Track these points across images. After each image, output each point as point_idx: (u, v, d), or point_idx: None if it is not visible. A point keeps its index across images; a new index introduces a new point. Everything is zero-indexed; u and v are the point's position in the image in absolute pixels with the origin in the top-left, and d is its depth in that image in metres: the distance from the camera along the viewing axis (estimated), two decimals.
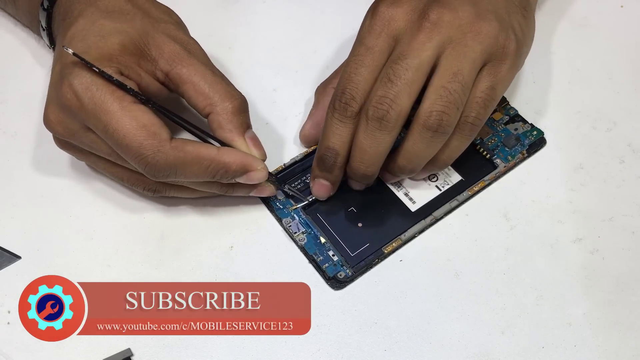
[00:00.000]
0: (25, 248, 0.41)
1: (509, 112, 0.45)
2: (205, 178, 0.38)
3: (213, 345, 0.37)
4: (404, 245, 0.40)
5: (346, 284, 0.39)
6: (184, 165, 0.37)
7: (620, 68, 0.48)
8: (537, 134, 0.44)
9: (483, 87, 0.38)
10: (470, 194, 0.42)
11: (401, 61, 0.37)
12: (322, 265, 0.39)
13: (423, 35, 0.37)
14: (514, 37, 0.39)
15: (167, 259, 0.40)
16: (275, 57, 0.48)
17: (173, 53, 0.39)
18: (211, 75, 0.39)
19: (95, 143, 0.38)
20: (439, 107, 0.37)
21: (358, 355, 0.37)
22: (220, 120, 0.39)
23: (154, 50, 0.39)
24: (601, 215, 0.42)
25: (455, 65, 0.37)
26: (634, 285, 0.39)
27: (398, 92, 0.37)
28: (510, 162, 0.43)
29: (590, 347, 0.37)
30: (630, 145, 0.44)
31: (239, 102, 0.39)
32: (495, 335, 0.38)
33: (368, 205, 0.42)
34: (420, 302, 0.39)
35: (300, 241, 0.40)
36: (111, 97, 0.36)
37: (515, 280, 0.39)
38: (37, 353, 0.37)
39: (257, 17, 0.51)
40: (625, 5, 0.51)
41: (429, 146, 0.38)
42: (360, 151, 0.38)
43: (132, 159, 0.37)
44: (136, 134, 0.36)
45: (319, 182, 0.40)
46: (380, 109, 0.37)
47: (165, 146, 0.36)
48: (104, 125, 0.36)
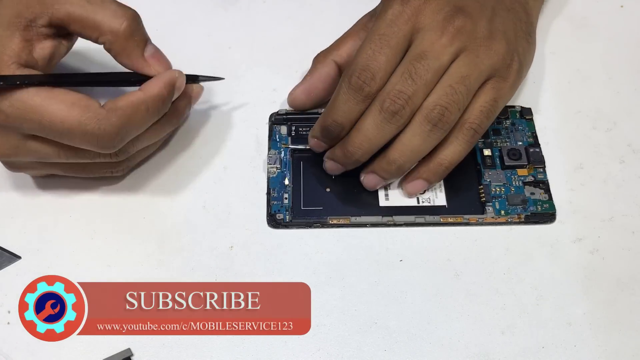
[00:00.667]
0: (25, 248, 0.41)
1: (537, 176, 0.42)
2: (152, 120, 0.38)
3: (213, 345, 0.37)
4: (350, 227, 0.41)
5: (279, 227, 0.41)
6: (128, 121, 0.36)
7: (620, 68, 0.48)
8: (548, 208, 0.41)
9: (487, 98, 0.39)
10: (441, 221, 0.41)
11: (424, 60, 0.38)
12: (271, 201, 0.41)
13: (446, 39, 0.38)
14: (517, 59, 0.41)
15: (167, 259, 0.40)
16: (275, 57, 0.48)
17: (77, 6, 0.37)
18: (87, 2, 0.37)
19: (41, 148, 0.37)
20: (443, 103, 0.38)
21: (358, 355, 0.37)
22: (115, 48, 0.38)
23: (26, 12, 0.37)
24: (601, 215, 0.42)
25: (465, 71, 0.38)
26: (634, 285, 0.39)
27: (416, 91, 0.38)
28: (500, 218, 0.41)
29: (590, 347, 0.37)
30: (630, 145, 0.44)
31: (128, 21, 0.38)
32: (495, 335, 0.38)
33: (346, 180, 0.42)
34: (420, 302, 0.39)
35: (270, 173, 0.42)
36: (27, 94, 0.35)
37: (515, 280, 0.39)
38: (37, 353, 0.37)
39: (257, 17, 0.51)
40: (625, 5, 0.51)
41: (425, 140, 0.38)
42: (363, 137, 0.39)
43: (80, 140, 0.36)
44: (71, 114, 0.35)
45: (317, 142, 0.41)
46: (397, 103, 0.37)
47: (102, 113, 0.36)
48: (38, 122, 0.35)
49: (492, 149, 0.43)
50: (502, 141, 0.44)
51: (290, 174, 0.43)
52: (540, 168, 0.43)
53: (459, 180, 0.42)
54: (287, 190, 0.42)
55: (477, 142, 0.43)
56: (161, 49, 0.40)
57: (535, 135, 0.44)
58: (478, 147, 0.43)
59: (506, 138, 0.44)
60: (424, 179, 0.41)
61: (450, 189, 0.42)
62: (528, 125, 0.44)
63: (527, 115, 0.45)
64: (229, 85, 0.46)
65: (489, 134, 0.44)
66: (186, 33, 0.50)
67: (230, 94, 0.46)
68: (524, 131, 0.44)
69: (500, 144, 0.43)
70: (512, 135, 0.44)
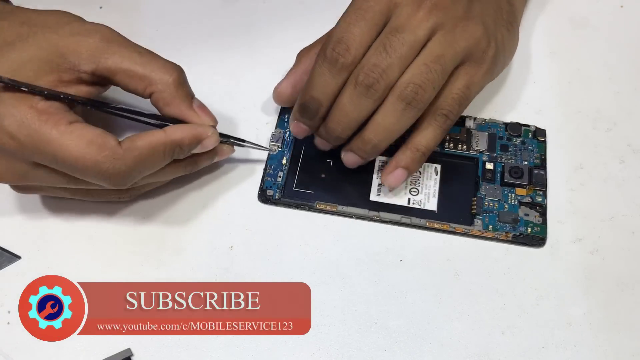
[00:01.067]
0: (25, 248, 0.41)
1: (535, 198, 0.41)
2: (165, 162, 0.38)
3: (213, 345, 0.37)
4: (334, 215, 0.42)
5: (268, 202, 0.42)
6: (143, 162, 0.37)
7: (620, 68, 0.48)
8: (539, 232, 0.40)
9: (460, 84, 0.39)
10: (427, 225, 0.41)
11: (399, 34, 0.38)
12: (266, 177, 0.43)
13: (422, 14, 0.38)
14: (494, 45, 0.40)
15: (167, 259, 0.40)
16: (275, 57, 0.48)
17: (91, 50, 0.37)
18: (139, 56, 0.38)
19: (50, 176, 0.37)
20: (417, 81, 0.38)
21: (358, 355, 0.37)
22: (165, 97, 0.38)
23: (71, 56, 0.37)
24: (601, 215, 0.42)
25: (440, 49, 0.38)
26: (634, 285, 0.39)
27: (390, 64, 0.37)
28: (487, 233, 0.40)
29: (590, 347, 0.37)
30: (630, 145, 0.44)
31: (177, 74, 0.38)
32: (495, 335, 0.38)
33: (343, 168, 0.42)
34: (420, 302, 0.39)
35: (271, 150, 0.43)
36: (46, 125, 0.35)
37: (515, 280, 0.39)
38: (37, 353, 0.37)
39: (257, 17, 0.51)
40: (625, 5, 0.51)
41: (399, 119, 0.38)
42: (341, 113, 0.39)
43: (93, 177, 0.36)
44: (87, 152, 0.35)
45: (298, 124, 0.41)
46: (371, 76, 0.37)
47: (118, 152, 0.36)
48: (52, 156, 0.35)
49: (496, 163, 0.43)
50: (507, 158, 0.43)
51: (290, 155, 0.43)
52: (540, 191, 0.42)
53: (455, 189, 0.42)
54: (282, 169, 0.43)
55: (480, 154, 0.43)
56: (161, 49, 0.40)
57: (544, 158, 0.43)
58: (482, 160, 0.43)
59: (513, 155, 0.43)
60: (403, 167, 0.41)
61: (443, 195, 0.42)
62: (539, 146, 0.44)
63: (540, 137, 0.44)
64: (229, 85, 0.46)
65: (495, 148, 0.44)
66: (186, 33, 0.50)
67: (230, 94, 0.46)
68: (532, 151, 0.43)
69: (505, 160, 0.43)
70: (520, 154, 0.43)
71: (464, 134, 0.44)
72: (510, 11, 0.43)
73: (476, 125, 0.45)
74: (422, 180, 0.43)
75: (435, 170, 0.43)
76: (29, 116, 0.35)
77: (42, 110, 0.35)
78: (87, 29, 0.38)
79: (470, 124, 0.45)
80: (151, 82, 0.38)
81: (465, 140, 0.44)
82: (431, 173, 0.43)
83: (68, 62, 0.37)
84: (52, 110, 0.36)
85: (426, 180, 0.42)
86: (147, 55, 0.38)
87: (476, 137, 0.44)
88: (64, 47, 0.37)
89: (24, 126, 0.35)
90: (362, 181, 0.43)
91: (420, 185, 0.42)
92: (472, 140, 0.44)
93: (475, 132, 0.44)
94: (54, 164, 0.36)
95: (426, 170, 0.43)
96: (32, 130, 0.35)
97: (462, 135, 0.44)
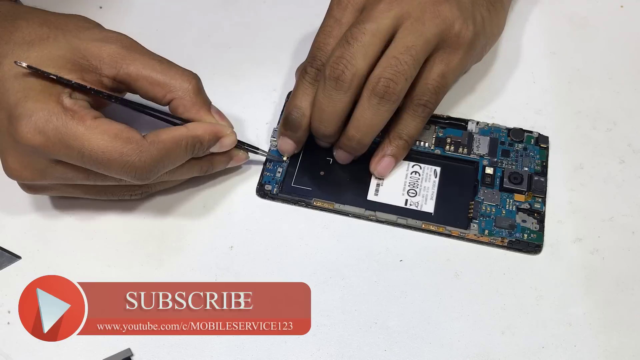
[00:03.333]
0: (25, 248, 0.41)
1: (534, 205, 0.41)
2: (185, 158, 0.38)
3: (213, 345, 0.37)
4: (331, 213, 0.42)
5: (265, 197, 0.42)
6: (167, 155, 0.37)
7: (620, 68, 0.48)
8: (535, 239, 0.40)
9: (435, 74, 0.40)
10: (423, 227, 0.41)
11: (360, 25, 0.38)
12: (265, 171, 0.43)
13: (383, 5, 0.39)
14: (472, 27, 0.40)
15: (167, 259, 0.40)
16: (275, 57, 0.48)
17: (112, 55, 0.38)
18: (159, 64, 0.39)
19: (68, 172, 0.37)
20: (388, 75, 0.38)
21: (358, 355, 0.37)
22: (185, 104, 0.39)
23: (93, 60, 0.38)
24: (601, 215, 0.42)
25: (410, 40, 0.38)
26: (634, 285, 0.39)
27: (354, 53, 0.38)
28: (483, 237, 0.40)
29: (590, 347, 0.37)
30: (630, 145, 0.44)
31: (196, 81, 0.39)
32: (495, 335, 0.38)
33: (342, 168, 0.43)
34: (420, 302, 0.39)
35: (271, 146, 0.44)
36: (73, 120, 0.35)
37: (515, 280, 0.39)
38: (37, 353, 0.37)
39: (257, 17, 0.51)
40: (625, 5, 0.51)
41: (375, 114, 0.39)
42: (318, 110, 0.40)
43: (118, 170, 0.36)
44: (114, 145, 0.35)
45: (284, 139, 0.42)
46: (336, 68, 0.38)
47: (144, 145, 0.36)
48: (78, 150, 0.35)
49: (496, 168, 0.43)
50: (508, 163, 0.43)
51: None
52: (539, 198, 0.41)
53: (453, 192, 0.42)
54: (282, 165, 0.43)
55: (480, 158, 0.43)
56: (161, 49, 0.40)
57: (545, 165, 0.43)
58: (482, 164, 0.43)
59: (513, 161, 0.43)
60: (390, 155, 0.42)
61: (441, 197, 0.42)
62: (540, 152, 0.43)
63: (543, 144, 0.44)
64: (229, 85, 0.46)
65: (496, 153, 0.43)
66: (186, 33, 0.50)
67: (230, 94, 0.46)
68: (534, 158, 0.43)
69: (505, 166, 0.43)
70: (521, 160, 0.43)
71: (466, 138, 0.44)
72: None
73: (478, 129, 0.44)
74: (421, 182, 0.43)
75: (434, 172, 0.43)
76: (57, 111, 0.35)
77: (68, 107, 0.36)
78: (108, 36, 0.39)
79: (472, 128, 0.44)
80: (171, 89, 0.39)
81: (466, 144, 0.44)
82: (430, 175, 0.43)
83: (91, 64, 0.38)
84: (77, 107, 0.36)
85: (425, 182, 0.42)
86: (166, 63, 0.39)
87: (477, 141, 0.44)
88: (86, 50, 0.38)
89: (52, 121, 0.35)
90: (361, 180, 0.43)
91: (419, 187, 0.42)
92: (474, 144, 0.44)
93: (477, 136, 0.44)
94: (79, 159, 0.36)
95: (425, 172, 0.43)
96: (59, 125, 0.35)
97: (464, 138, 0.44)
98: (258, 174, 0.43)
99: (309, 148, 0.44)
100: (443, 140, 0.44)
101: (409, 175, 0.43)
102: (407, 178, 0.43)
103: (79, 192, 0.40)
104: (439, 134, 0.44)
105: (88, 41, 0.38)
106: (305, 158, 0.44)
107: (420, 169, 0.43)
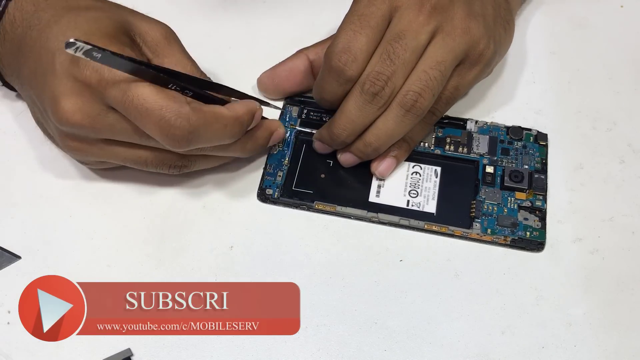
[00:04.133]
0: (25, 248, 0.41)
1: (535, 202, 0.41)
2: (223, 137, 0.38)
3: (213, 345, 0.37)
4: (333, 215, 0.42)
5: (267, 201, 0.42)
6: (205, 127, 0.37)
7: (620, 68, 0.48)
8: (538, 236, 0.40)
9: (450, 85, 0.40)
10: (425, 227, 0.41)
11: (402, 40, 0.38)
12: (265, 175, 0.43)
13: (423, 18, 0.38)
14: (493, 47, 0.41)
15: (167, 259, 0.40)
16: (275, 57, 0.48)
17: (155, 41, 0.39)
18: (190, 65, 0.40)
19: (117, 123, 0.37)
20: (417, 89, 0.38)
21: (358, 355, 0.37)
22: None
23: (138, 37, 0.39)
24: (601, 215, 0.42)
25: (440, 55, 0.38)
26: (634, 285, 0.39)
27: (395, 71, 0.38)
28: (486, 236, 0.40)
29: (590, 347, 0.37)
30: (630, 145, 0.44)
31: None
32: (495, 335, 0.38)
33: (343, 170, 0.43)
34: (420, 302, 0.39)
35: (272, 150, 0.43)
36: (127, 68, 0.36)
37: (515, 280, 0.39)
38: (37, 353, 0.37)
39: (257, 17, 0.51)
40: (625, 5, 0.51)
41: (399, 125, 0.39)
42: (346, 119, 0.39)
43: (153, 125, 0.36)
44: (156, 97, 0.36)
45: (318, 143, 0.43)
46: (376, 84, 0.38)
47: (185, 108, 0.36)
48: (124, 91, 0.35)
49: (496, 167, 0.43)
50: (508, 161, 0.43)
51: (290, 154, 0.44)
52: (540, 195, 0.42)
53: (455, 192, 0.42)
54: (282, 169, 0.43)
55: (480, 157, 0.43)
56: None
57: (545, 162, 0.43)
58: (482, 163, 0.43)
59: (513, 159, 0.43)
60: (392, 156, 0.42)
61: (443, 198, 0.42)
62: (540, 150, 0.43)
63: (542, 141, 0.44)
64: (229, 84, 0.46)
65: (496, 151, 0.43)
66: (186, 33, 0.50)
67: None
68: (533, 155, 0.43)
69: (506, 164, 0.43)
70: (521, 158, 0.43)
71: (465, 137, 0.44)
72: (507, 9, 0.43)
73: (477, 128, 0.44)
74: (422, 183, 0.43)
75: (435, 172, 0.43)
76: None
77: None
78: (154, 21, 0.40)
79: (471, 127, 0.44)
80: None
81: (466, 143, 0.44)
82: (431, 175, 0.43)
83: (135, 40, 0.39)
84: None
85: (426, 183, 0.42)
86: (195, 64, 0.40)
87: (477, 140, 0.44)
88: (134, 26, 0.39)
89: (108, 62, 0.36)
90: (362, 182, 0.43)
91: (420, 187, 0.42)
92: (473, 143, 0.44)
93: (476, 135, 0.44)
94: (122, 100, 0.36)
95: (426, 172, 0.43)
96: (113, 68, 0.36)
97: (463, 138, 0.44)
98: (258, 173, 0.43)
99: (309, 150, 0.43)
100: (443, 140, 0.44)
101: (409, 176, 0.43)
102: (408, 179, 0.43)
103: (121, 157, 0.39)
104: (439, 134, 0.44)
105: (139, 20, 0.39)
106: (305, 160, 0.43)
107: (420, 170, 0.43)
